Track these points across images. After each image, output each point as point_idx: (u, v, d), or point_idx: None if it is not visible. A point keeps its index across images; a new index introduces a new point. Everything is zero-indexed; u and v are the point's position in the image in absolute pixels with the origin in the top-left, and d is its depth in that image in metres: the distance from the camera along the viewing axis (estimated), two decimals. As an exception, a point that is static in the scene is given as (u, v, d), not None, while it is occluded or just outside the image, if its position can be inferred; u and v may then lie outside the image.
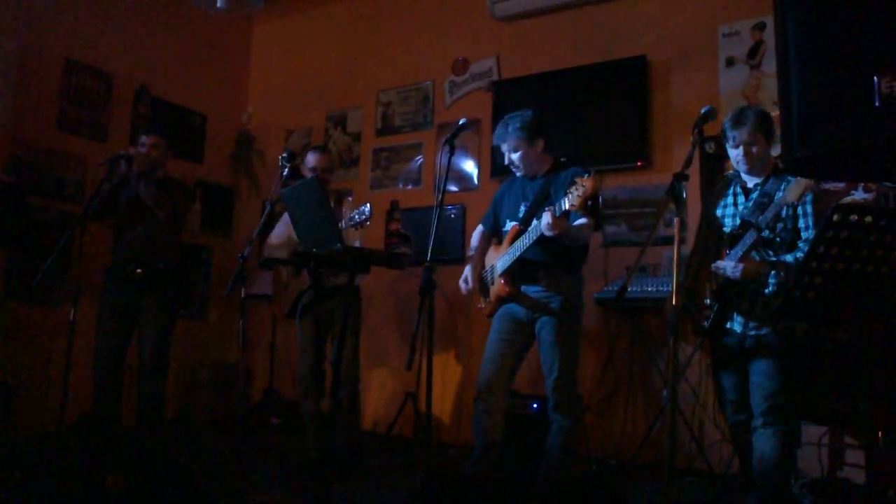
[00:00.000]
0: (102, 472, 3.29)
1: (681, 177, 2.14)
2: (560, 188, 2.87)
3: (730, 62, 4.04)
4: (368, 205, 2.89)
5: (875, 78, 1.19)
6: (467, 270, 3.18)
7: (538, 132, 2.98)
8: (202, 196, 5.57)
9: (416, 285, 3.10)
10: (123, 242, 3.62)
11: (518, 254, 2.84)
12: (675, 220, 2.17)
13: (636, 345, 4.01)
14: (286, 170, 3.22)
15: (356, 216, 3.07)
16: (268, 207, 3.33)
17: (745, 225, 2.42)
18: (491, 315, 3.07)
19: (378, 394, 4.89)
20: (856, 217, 1.60)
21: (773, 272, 2.39)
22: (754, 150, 2.48)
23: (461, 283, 3.17)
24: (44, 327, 4.31)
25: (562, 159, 3.06)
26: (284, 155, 3.23)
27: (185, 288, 5.16)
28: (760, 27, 3.95)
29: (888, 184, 3.48)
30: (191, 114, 5.57)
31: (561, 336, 2.86)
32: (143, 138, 3.65)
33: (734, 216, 2.56)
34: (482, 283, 3.13)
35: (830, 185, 3.58)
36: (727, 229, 2.56)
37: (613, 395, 4.07)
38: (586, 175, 2.48)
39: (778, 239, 2.41)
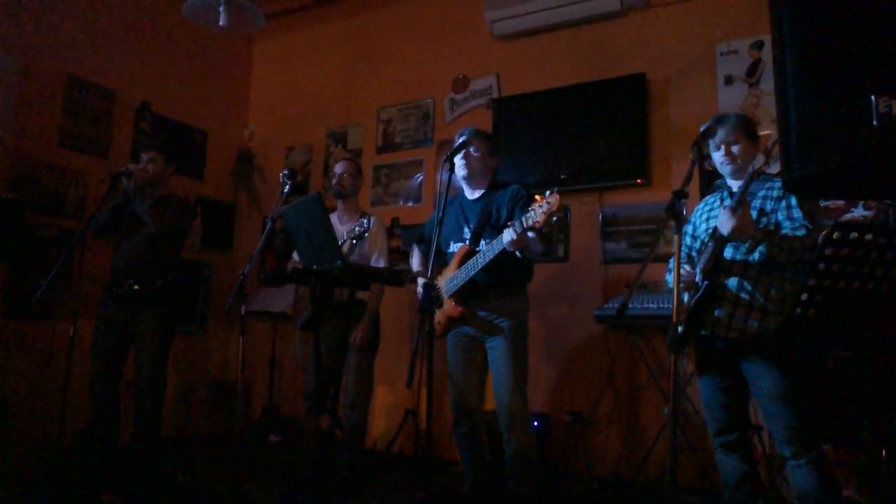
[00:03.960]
0: (100, 489, 3.28)
1: (680, 194, 2.13)
2: (503, 205, 2.96)
3: (728, 80, 4.06)
4: (369, 217, 2.90)
5: (872, 97, 1.20)
6: (421, 280, 3.13)
7: (496, 153, 3.17)
8: (203, 212, 5.58)
9: (412, 300, 3.10)
10: (121, 258, 3.62)
11: (472, 273, 2.86)
12: (675, 237, 2.16)
13: (637, 362, 4.00)
14: (287, 186, 3.23)
15: (356, 228, 3.07)
16: (269, 224, 3.33)
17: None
18: (441, 336, 3.09)
19: (378, 411, 4.86)
20: (855, 235, 1.61)
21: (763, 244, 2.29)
22: (735, 149, 2.44)
23: (420, 280, 3.12)
24: (43, 343, 4.30)
25: (562, 177, 3.10)
26: (285, 172, 3.24)
27: (184, 304, 5.16)
28: (758, 46, 3.98)
29: (888, 201, 3.50)
30: (192, 130, 5.60)
31: (511, 356, 2.88)
32: (143, 154, 3.68)
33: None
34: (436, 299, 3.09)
35: (830, 203, 3.60)
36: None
37: (614, 412, 4.05)
38: (548, 193, 2.49)
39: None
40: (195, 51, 5.63)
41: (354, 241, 3.18)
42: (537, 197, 2.53)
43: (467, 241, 3.01)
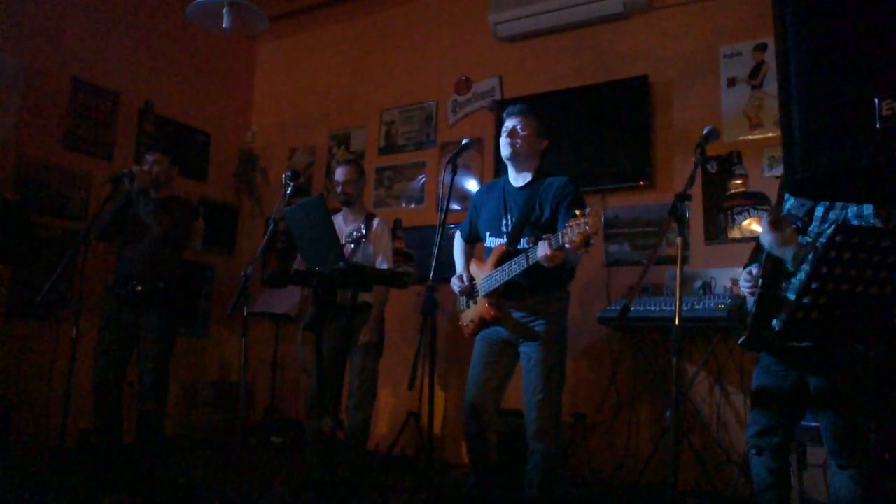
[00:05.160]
0: (102, 490, 3.28)
1: (683, 196, 2.12)
2: (546, 201, 2.76)
3: (731, 82, 4.06)
4: (371, 220, 2.89)
5: (875, 100, 1.19)
6: (461, 270, 3.01)
7: (547, 135, 2.92)
8: (205, 214, 5.57)
9: (419, 304, 3.06)
10: (125, 260, 3.62)
11: (507, 279, 2.70)
12: (678, 239, 2.15)
13: (639, 364, 4.00)
14: (290, 188, 3.23)
15: (353, 232, 3.08)
16: (271, 226, 3.33)
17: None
18: (473, 335, 2.94)
19: (380, 413, 4.86)
20: (858, 238, 1.60)
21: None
22: None
23: (455, 281, 2.98)
24: (46, 344, 4.30)
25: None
26: (288, 173, 3.23)
27: (187, 306, 5.17)
28: (762, 48, 3.98)
29: (890, 205, 3.48)
30: (195, 132, 5.61)
31: (546, 360, 2.72)
32: (147, 156, 3.69)
33: None
34: (470, 293, 2.96)
35: (833, 205, 3.58)
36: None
37: (617, 415, 4.04)
38: (587, 210, 2.33)
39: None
40: (198, 53, 5.65)
41: (353, 245, 3.18)
42: (577, 212, 2.34)
43: (505, 237, 2.83)
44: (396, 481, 3.97)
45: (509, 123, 2.86)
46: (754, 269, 2.42)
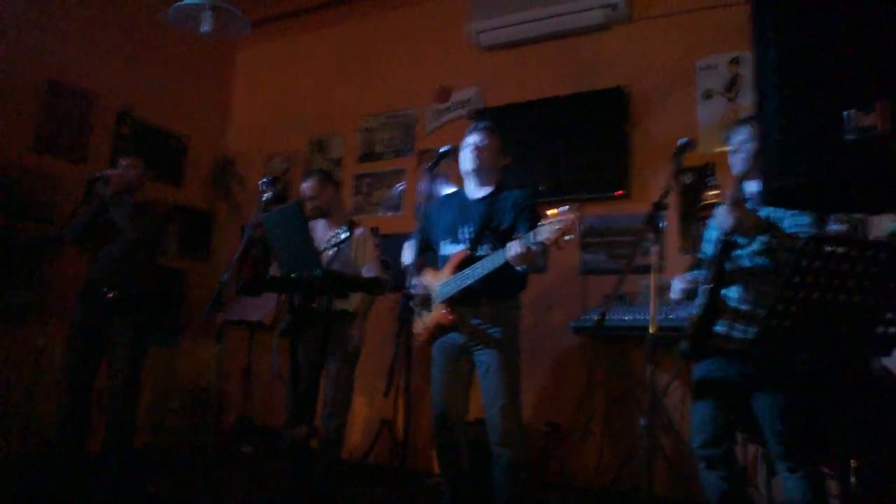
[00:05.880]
0: (68, 500, 3.21)
1: (660, 206, 2.16)
2: (506, 211, 2.79)
3: (707, 95, 4.12)
4: (350, 227, 2.88)
5: (845, 112, 1.22)
6: (415, 280, 2.93)
7: (506, 154, 3.00)
8: (180, 220, 5.53)
9: (393, 312, 3.05)
10: (97, 264, 3.56)
11: (470, 282, 2.69)
12: (654, 248, 2.18)
13: (613, 373, 4.02)
14: (267, 194, 3.20)
15: (332, 238, 3.05)
16: (247, 232, 3.30)
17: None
18: (427, 341, 2.92)
19: (354, 421, 4.82)
20: (830, 247, 1.63)
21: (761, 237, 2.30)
22: (746, 147, 2.43)
23: (413, 282, 2.89)
24: (10, 351, 4.21)
25: (540, 188, 3.03)
26: (266, 180, 3.20)
27: (160, 312, 5.09)
28: (737, 61, 4.05)
29: (858, 216, 3.56)
30: (172, 137, 5.55)
31: (505, 366, 2.73)
32: (122, 160, 3.65)
33: None
34: (424, 302, 2.93)
35: (804, 217, 3.65)
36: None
37: (591, 423, 4.06)
38: (564, 209, 2.33)
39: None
40: (177, 57, 5.60)
41: (333, 250, 3.16)
42: (549, 212, 2.33)
43: (463, 245, 2.83)
44: (371, 490, 3.94)
45: (473, 139, 2.93)
46: (688, 276, 2.48)
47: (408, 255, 3.09)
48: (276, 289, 3.14)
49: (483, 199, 2.89)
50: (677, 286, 2.53)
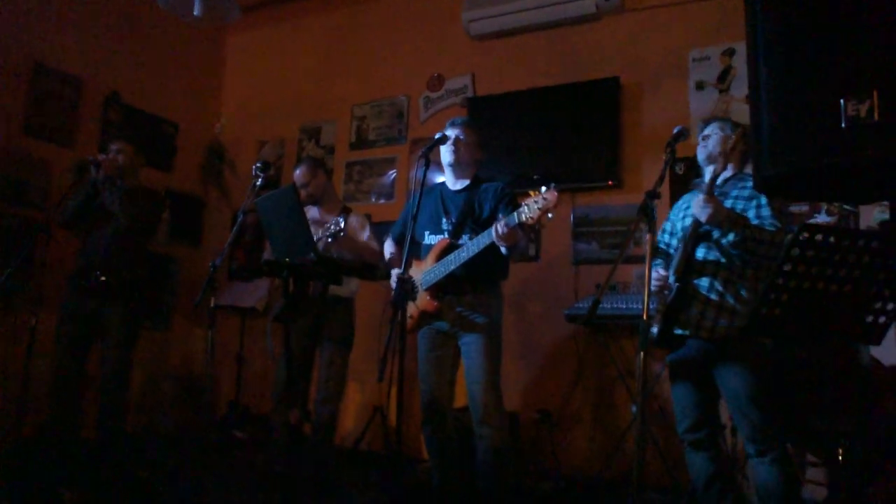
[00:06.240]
0: (60, 486, 3.21)
1: (653, 195, 2.17)
2: (486, 201, 2.90)
3: (700, 86, 4.14)
4: (347, 215, 2.88)
5: (841, 101, 1.23)
6: (396, 272, 3.04)
7: (482, 147, 3.11)
8: (171, 206, 5.49)
9: (386, 298, 3.04)
10: (88, 249, 3.55)
11: (452, 268, 2.79)
12: (647, 237, 2.20)
13: (605, 361, 4.05)
14: (260, 179, 3.19)
15: (331, 227, 3.05)
16: (240, 218, 3.29)
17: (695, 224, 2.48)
18: (413, 330, 3.00)
19: (346, 408, 4.84)
20: (821, 236, 1.64)
21: (733, 232, 2.36)
22: (713, 139, 2.57)
23: (394, 279, 3.01)
24: (2, 336, 4.19)
25: (535, 177, 3.08)
26: (259, 164, 3.19)
27: (151, 298, 5.07)
28: (729, 53, 4.06)
29: (848, 207, 3.60)
30: (162, 122, 5.51)
31: (487, 350, 2.82)
32: (112, 145, 3.62)
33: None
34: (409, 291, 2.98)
35: (795, 208, 3.68)
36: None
37: (582, 411, 4.09)
38: (545, 189, 2.42)
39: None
40: (168, 41, 5.54)
41: (330, 240, 3.16)
42: (532, 192, 2.44)
43: (446, 234, 2.93)
44: (363, 476, 3.96)
45: (451, 133, 3.01)
46: (661, 269, 2.55)
47: (388, 250, 3.23)
48: (271, 273, 3.14)
49: (462, 190, 3.02)
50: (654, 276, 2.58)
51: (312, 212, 3.69)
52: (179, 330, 5.54)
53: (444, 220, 2.98)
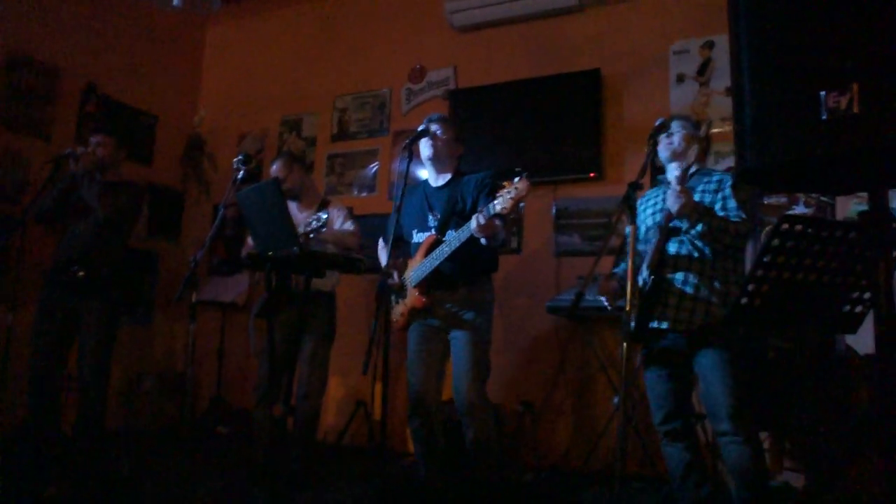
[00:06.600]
0: (41, 484, 3.17)
1: (635, 186, 2.19)
2: (468, 193, 2.92)
3: (680, 78, 4.17)
4: (327, 209, 2.87)
5: (822, 93, 1.25)
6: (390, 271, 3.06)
7: (462, 141, 3.14)
8: (150, 199, 5.42)
9: (368, 292, 3.03)
10: (66, 243, 3.49)
11: (437, 263, 2.82)
12: (630, 228, 2.22)
13: (587, 353, 4.08)
14: (241, 172, 3.16)
15: (313, 222, 3.04)
16: (221, 211, 3.26)
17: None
18: (404, 328, 3.03)
19: (328, 402, 4.83)
20: (800, 227, 1.66)
21: (700, 224, 2.40)
22: (677, 137, 2.59)
23: (390, 270, 3.02)
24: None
25: (517, 169, 3.08)
26: (240, 157, 3.17)
27: (130, 293, 5.01)
28: (709, 46, 4.09)
29: (825, 198, 3.65)
30: (141, 114, 5.43)
31: (474, 345, 2.85)
32: (92, 138, 3.56)
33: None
34: (400, 288, 3.04)
35: (773, 199, 3.73)
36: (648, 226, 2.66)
37: (564, 402, 4.12)
38: (517, 179, 2.47)
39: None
40: (146, 32, 5.46)
41: (312, 235, 3.14)
42: (505, 183, 2.49)
43: (433, 231, 2.95)
44: (346, 471, 3.96)
45: (429, 129, 3.03)
46: (619, 271, 2.61)
47: (383, 256, 3.20)
48: (253, 267, 3.12)
49: (445, 185, 3.04)
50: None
51: (290, 208, 3.66)
52: (160, 325, 5.49)
53: (429, 216, 3.00)
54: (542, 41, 4.63)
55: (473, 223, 2.59)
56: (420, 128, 2.90)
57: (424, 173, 4.83)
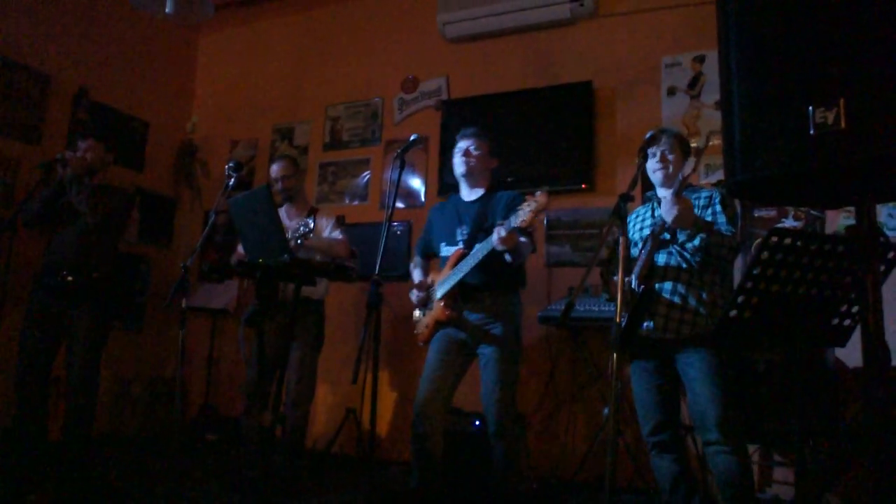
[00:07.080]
0: (27, 490, 3.13)
1: (626, 197, 2.20)
2: (498, 210, 2.93)
3: (671, 92, 4.20)
4: (314, 216, 2.87)
5: (810, 108, 1.26)
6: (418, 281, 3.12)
7: (497, 155, 3.15)
8: (141, 205, 5.40)
9: (359, 300, 3.02)
10: (55, 248, 3.47)
11: (461, 275, 2.83)
12: (621, 239, 2.22)
13: (577, 363, 4.08)
14: (232, 179, 3.16)
15: (301, 228, 3.04)
16: (212, 217, 3.25)
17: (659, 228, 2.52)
18: (426, 342, 3.02)
19: (317, 410, 4.81)
20: (790, 240, 1.68)
21: (699, 236, 2.41)
22: (670, 157, 2.58)
23: (413, 291, 3.09)
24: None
25: (509, 179, 3.11)
26: (231, 164, 3.16)
27: (120, 298, 4.98)
28: (700, 59, 4.13)
29: (815, 212, 3.68)
30: (132, 120, 5.42)
31: (501, 360, 2.85)
32: (80, 143, 3.55)
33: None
34: (426, 302, 3.07)
35: (763, 213, 3.76)
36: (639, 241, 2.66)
37: (555, 413, 4.12)
38: (538, 192, 2.51)
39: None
40: (138, 39, 5.46)
41: (300, 241, 3.14)
42: (526, 196, 2.53)
43: (461, 244, 2.96)
44: (335, 479, 3.94)
45: (463, 144, 3.05)
46: (615, 277, 2.60)
47: (416, 273, 3.22)
48: (244, 274, 3.11)
49: (476, 200, 3.05)
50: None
51: (282, 212, 3.67)
52: (150, 331, 5.45)
53: (458, 230, 3.02)
54: (534, 53, 4.66)
55: (495, 236, 2.64)
56: (413, 136, 2.89)
57: (416, 183, 4.88)
